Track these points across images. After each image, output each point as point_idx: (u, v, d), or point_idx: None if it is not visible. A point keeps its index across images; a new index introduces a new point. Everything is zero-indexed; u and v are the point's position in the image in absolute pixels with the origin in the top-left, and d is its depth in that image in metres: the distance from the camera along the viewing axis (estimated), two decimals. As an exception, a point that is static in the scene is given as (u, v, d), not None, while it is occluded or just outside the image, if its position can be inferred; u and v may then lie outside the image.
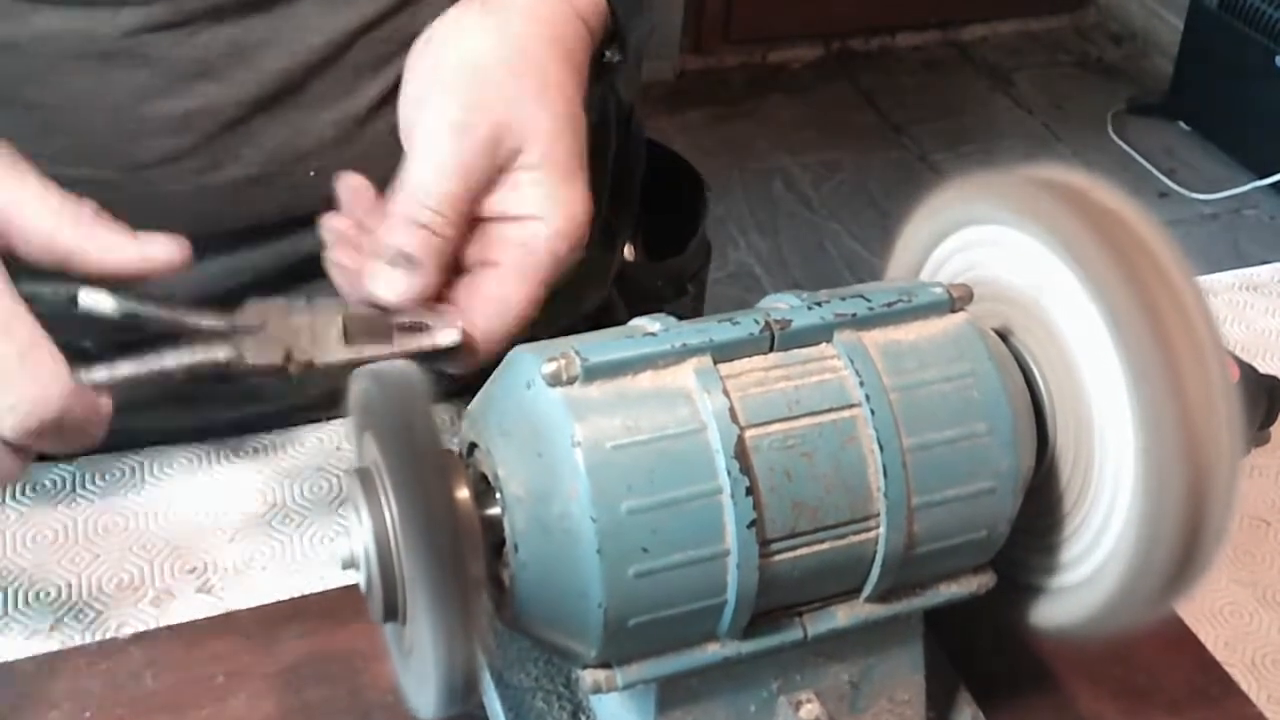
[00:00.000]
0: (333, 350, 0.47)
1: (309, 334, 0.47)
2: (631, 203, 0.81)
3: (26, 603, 0.57)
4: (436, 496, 0.34)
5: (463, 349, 0.48)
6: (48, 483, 0.62)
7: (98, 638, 0.55)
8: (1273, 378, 0.68)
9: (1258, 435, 0.69)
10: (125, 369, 0.45)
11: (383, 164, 0.65)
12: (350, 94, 0.61)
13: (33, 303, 0.44)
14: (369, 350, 0.47)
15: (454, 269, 0.50)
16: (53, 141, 0.58)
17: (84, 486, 0.62)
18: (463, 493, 0.37)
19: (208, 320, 0.46)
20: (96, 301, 0.45)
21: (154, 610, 0.56)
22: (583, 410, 0.38)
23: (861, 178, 2.51)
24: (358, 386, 0.38)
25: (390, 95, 0.61)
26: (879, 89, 2.79)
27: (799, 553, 0.40)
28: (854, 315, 0.42)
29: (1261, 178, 2.42)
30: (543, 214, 0.50)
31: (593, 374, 0.38)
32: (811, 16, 2.81)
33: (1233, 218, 2.42)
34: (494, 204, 0.50)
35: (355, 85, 0.61)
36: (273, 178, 0.61)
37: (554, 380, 0.38)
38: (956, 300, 0.43)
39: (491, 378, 0.41)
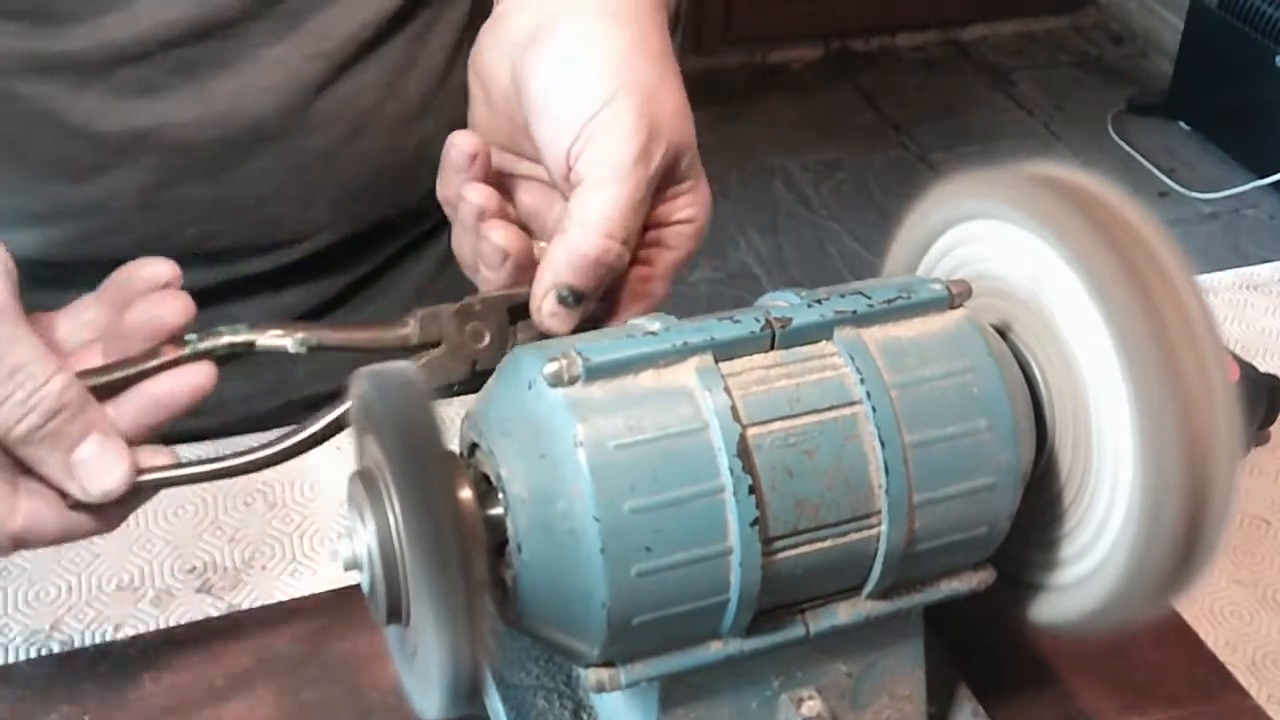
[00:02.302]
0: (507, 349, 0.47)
1: (485, 336, 0.46)
2: None
3: (27, 603, 0.57)
4: (440, 498, 0.34)
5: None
6: (49, 484, 0.62)
7: (98, 638, 0.55)
8: (1273, 377, 0.68)
9: (1258, 435, 0.69)
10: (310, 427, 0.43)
11: (335, 196, 0.64)
12: (301, 125, 0.61)
13: (211, 356, 0.42)
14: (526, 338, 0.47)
15: None
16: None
17: (85, 488, 0.62)
18: (465, 494, 0.37)
19: (385, 336, 0.45)
20: (275, 341, 0.43)
21: (154, 610, 0.56)
22: (585, 410, 0.38)
23: (861, 178, 2.51)
24: (358, 388, 0.38)
25: (340, 126, 0.61)
26: (879, 89, 2.79)
27: (801, 550, 0.40)
28: (854, 312, 0.42)
29: (1261, 177, 2.42)
30: (692, 217, 0.51)
31: (594, 374, 0.38)
32: (811, 16, 2.81)
33: (1233, 217, 2.42)
34: (652, 214, 0.51)
35: (307, 117, 0.61)
36: (217, 203, 0.62)
37: (556, 380, 0.38)
38: (956, 296, 0.44)
39: (492, 378, 0.41)
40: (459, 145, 0.50)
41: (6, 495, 0.40)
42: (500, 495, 0.39)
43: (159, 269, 0.43)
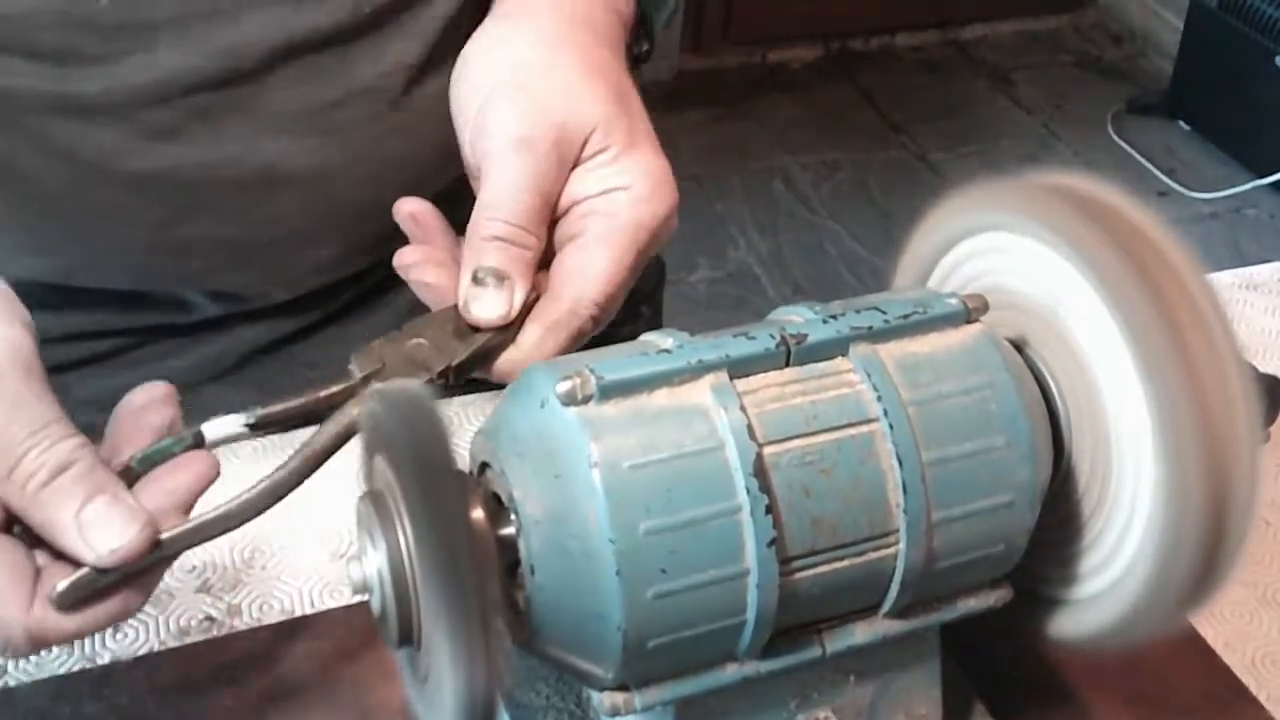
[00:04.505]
0: (459, 349, 0.47)
1: (430, 349, 0.47)
2: None
3: (26, 602, 0.56)
4: (453, 519, 0.34)
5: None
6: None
7: (96, 637, 0.55)
8: (1273, 377, 0.68)
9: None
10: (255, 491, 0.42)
11: (345, 237, 0.64)
12: (317, 169, 0.61)
13: (158, 462, 0.41)
14: (481, 338, 0.48)
15: (544, 263, 0.51)
16: (10, 188, 0.58)
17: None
18: (478, 514, 0.37)
19: (333, 389, 0.45)
20: (225, 429, 0.43)
21: (154, 610, 0.56)
22: (599, 429, 0.37)
23: (861, 178, 2.51)
24: (367, 408, 0.38)
25: (358, 174, 0.62)
26: (879, 89, 2.78)
27: (819, 570, 0.39)
28: (870, 328, 0.41)
29: (1261, 177, 2.42)
30: (624, 184, 0.50)
31: (608, 392, 0.37)
32: (811, 16, 2.81)
33: (1233, 217, 2.42)
34: (574, 192, 0.51)
35: (323, 160, 0.61)
36: (227, 243, 0.62)
37: (569, 399, 0.37)
38: (972, 311, 0.43)
39: (503, 396, 0.41)
40: (398, 211, 0.52)
41: (21, 581, 0.38)
42: (513, 516, 0.38)
43: (154, 392, 0.43)
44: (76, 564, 0.39)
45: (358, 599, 0.39)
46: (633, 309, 0.85)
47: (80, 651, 0.54)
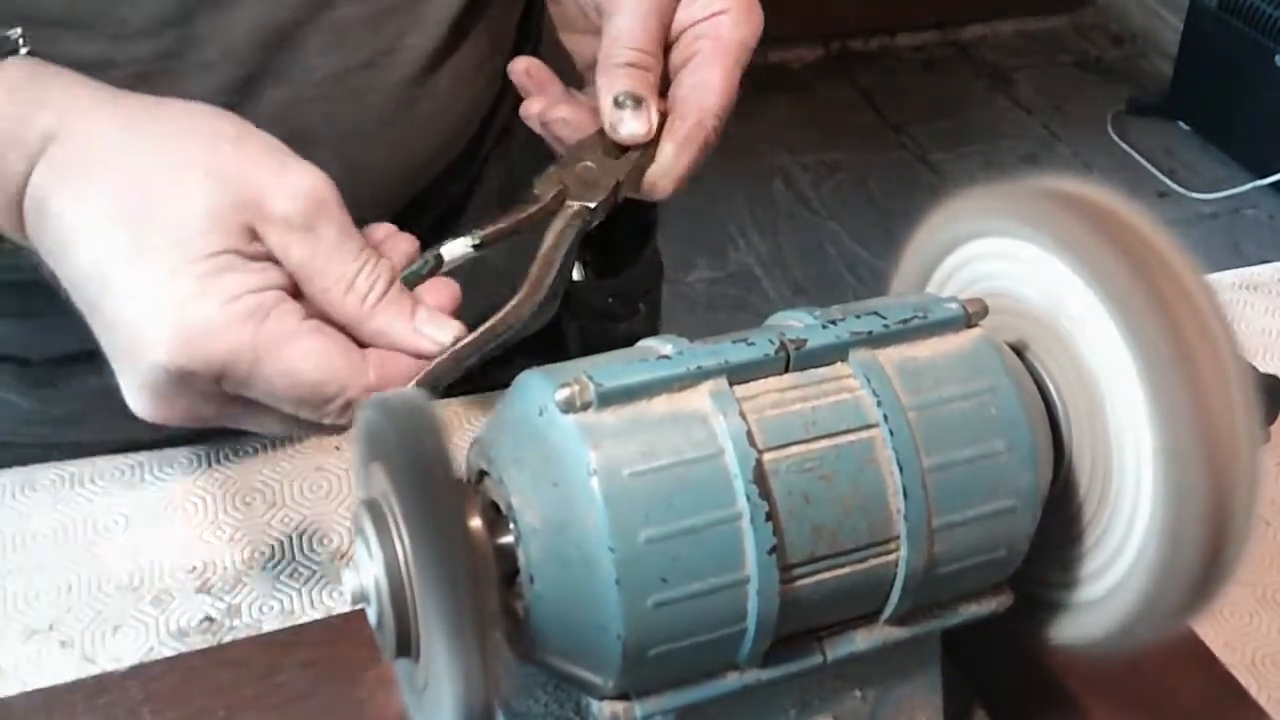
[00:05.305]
0: (619, 167, 0.54)
1: (597, 170, 0.53)
2: None
3: (26, 602, 0.56)
4: (451, 528, 0.34)
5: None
6: (47, 482, 0.62)
7: (97, 638, 0.55)
8: (1273, 377, 0.68)
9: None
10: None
11: (369, 204, 0.66)
12: (348, 134, 0.62)
13: (414, 283, 0.49)
14: (632, 156, 0.54)
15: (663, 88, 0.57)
16: None
17: (84, 486, 0.62)
18: (476, 522, 0.37)
19: (531, 210, 0.51)
20: (458, 250, 0.50)
21: (154, 610, 0.56)
22: (598, 437, 0.37)
23: (861, 178, 2.51)
24: (364, 416, 0.37)
25: (389, 138, 0.63)
26: (879, 89, 2.78)
27: (819, 577, 0.39)
28: (869, 333, 0.41)
29: (1261, 178, 2.42)
30: (724, 8, 0.56)
31: (607, 399, 0.37)
32: (811, 16, 2.80)
33: (1233, 218, 2.42)
34: (682, 20, 0.57)
35: (355, 126, 0.62)
36: None
37: (568, 407, 0.37)
38: (972, 315, 0.43)
39: (501, 403, 0.40)
40: (514, 70, 0.58)
41: (360, 364, 0.46)
42: (512, 525, 0.38)
43: (387, 228, 0.51)
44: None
45: (355, 605, 0.39)
46: (630, 305, 0.85)
47: (80, 650, 0.54)
